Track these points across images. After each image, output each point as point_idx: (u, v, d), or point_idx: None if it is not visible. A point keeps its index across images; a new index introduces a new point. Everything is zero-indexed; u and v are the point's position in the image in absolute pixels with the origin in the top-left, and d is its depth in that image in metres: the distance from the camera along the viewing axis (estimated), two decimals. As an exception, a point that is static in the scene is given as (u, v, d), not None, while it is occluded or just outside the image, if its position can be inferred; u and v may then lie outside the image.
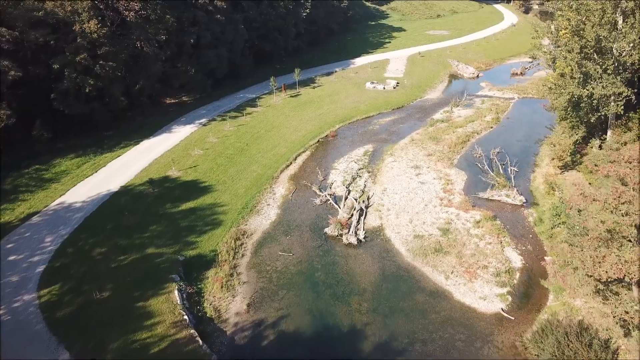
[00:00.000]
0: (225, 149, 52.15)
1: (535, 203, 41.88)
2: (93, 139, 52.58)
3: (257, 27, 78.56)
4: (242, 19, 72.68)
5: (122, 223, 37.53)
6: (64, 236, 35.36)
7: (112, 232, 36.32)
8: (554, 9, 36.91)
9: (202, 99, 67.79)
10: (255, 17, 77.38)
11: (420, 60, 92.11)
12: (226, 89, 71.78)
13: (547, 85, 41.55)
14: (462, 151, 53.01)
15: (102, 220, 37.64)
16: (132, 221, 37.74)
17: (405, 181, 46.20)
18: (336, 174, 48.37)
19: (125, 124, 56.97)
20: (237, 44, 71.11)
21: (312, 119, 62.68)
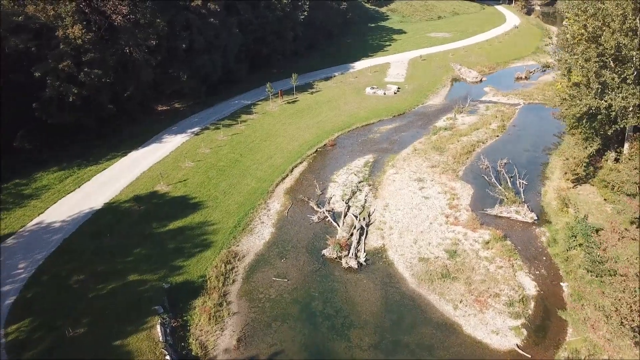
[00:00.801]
0: (217, 160, 49.42)
1: (547, 221, 39.18)
2: (79, 150, 49.90)
3: (254, 31, 75.91)
4: (237, 22, 69.94)
5: (103, 245, 34.81)
6: (39, 261, 32.62)
7: (92, 256, 33.60)
8: (567, 14, 34.17)
9: (195, 106, 65.09)
10: (251, 20, 74.71)
11: (421, 64, 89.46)
12: (221, 94, 69.10)
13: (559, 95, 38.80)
14: (467, 162, 50.33)
15: (82, 243, 34.91)
16: (115, 243, 34.99)
17: (408, 195, 43.50)
18: (335, 188, 45.68)
19: (113, 134, 54.25)
20: (231, 48, 68.43)
21: (309, 127, 60.00)
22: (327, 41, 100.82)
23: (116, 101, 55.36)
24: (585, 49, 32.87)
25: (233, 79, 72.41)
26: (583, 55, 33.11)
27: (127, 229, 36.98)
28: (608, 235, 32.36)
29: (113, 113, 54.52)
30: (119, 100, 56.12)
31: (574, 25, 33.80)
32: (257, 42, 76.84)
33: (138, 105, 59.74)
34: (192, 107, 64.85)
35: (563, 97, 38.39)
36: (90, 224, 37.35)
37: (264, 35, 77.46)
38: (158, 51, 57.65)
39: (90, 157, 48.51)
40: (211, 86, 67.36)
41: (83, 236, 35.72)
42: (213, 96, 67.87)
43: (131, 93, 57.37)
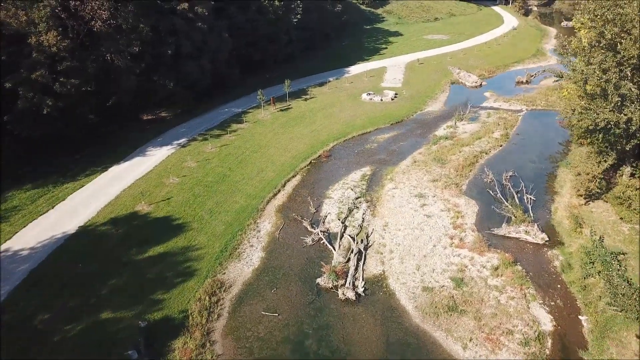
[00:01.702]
0: (204, 175, 46.23)
1: (559, 242, 36.25)
2: (57, 165, 46.56)
3: (245, 35, 72.75)
4: (227, 26, 66.75)
5: (75, 276, 31.60)
6: (2, 297, 29.34)
7: (61, 289, 30.38)
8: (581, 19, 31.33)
9: (182, 115, 61.87)
10: (242, 24, 71.55)
11: (419, 68, 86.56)
12: (210, 102, 65.89)
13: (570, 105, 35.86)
14: (470, 175, 47.41)
15: (51, 274, 31.68)
16: (88, 273, 31.78)
17: (409, 214, 40.49)
18: (330, 204, 42.61)
19: (95, 146, 50.96)
20: (221, 54, 65.20)
21: (303, 137, 56.91)
22: (322, 44, 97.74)
23: (98, 111, 52.24)
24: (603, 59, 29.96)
25: (223, 85, 69.20)
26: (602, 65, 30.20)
27: (103, 256, 33.76)
28: (629, 261, 29.50)
29: (95, 124, 51.44)
30: (101, 110, 52.97)
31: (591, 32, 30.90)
32: (248, 47, 73.73)
33: (122, 115, 56.48)
34: (180, 115, 61.65)
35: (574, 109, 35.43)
36: (62, 251, 34.09)
37: (256, 39, 74.36)
38: (142, 58, 54.45)
39: (68, 172, 45.22)
40: (200, 93, 64.15)
41: (53, 266, 32.47)
42: (202, 104, 64.69)
43: (114, 102, 54.11)
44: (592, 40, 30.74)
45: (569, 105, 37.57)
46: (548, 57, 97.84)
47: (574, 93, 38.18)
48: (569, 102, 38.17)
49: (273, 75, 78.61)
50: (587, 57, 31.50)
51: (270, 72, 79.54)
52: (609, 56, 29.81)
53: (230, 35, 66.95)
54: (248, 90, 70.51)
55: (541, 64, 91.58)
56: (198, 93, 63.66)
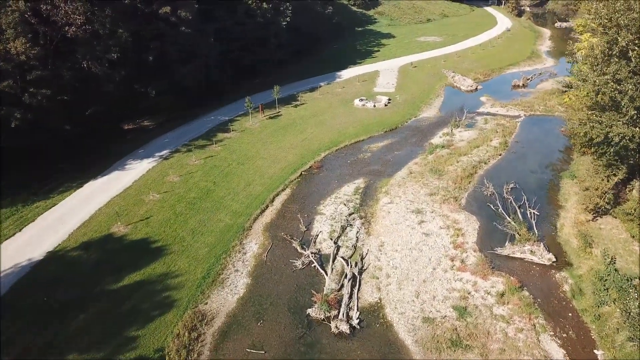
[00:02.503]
0: (187, 191, 43.34)
1: (567, 263, 33.79)
2: (29, 181, 43.39)
3: (234, 39, 69.85)
4: (214, 30, 63.82)
5: (39, 312, 28.62)
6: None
7: (24, 327, 27.43)
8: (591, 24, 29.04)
9: (166, 124, 58.91)
10: (230, 27, 68.65)
11: (412, 71, 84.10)
12: (196, 110, 62.89)
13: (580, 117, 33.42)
14: (469, 187, 44.92)
15: (12, 310, 28.67)
16: (55, 308, 28.82)
17: (405, 232, 37.87)
18: (322, 222, 39.90)
19: (70, 160, 47.84)
20: (208, 59, 62.24)
21: (293, 147, 54.14)
22: (313, 48, 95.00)
23: (75, 122, 49.20)
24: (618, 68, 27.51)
25: (210, 92, 66.23)
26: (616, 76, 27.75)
27: (72, 287, 30.81)
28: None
29: (72, 135, 48.41)
30: (78, 121, 49.91)
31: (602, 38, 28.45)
32: (237, 51, 70.77)
33: (102, 125, 53.38)
34: (164, 124, 58.68)
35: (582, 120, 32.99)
36: (26, 281, 31.07)
37: (245, 43, 71.45)
38: (122, 64, 51.39)
39: (40, 190, 42.17)
40: (185, 101, 61.15)
41: (14, 300, 29.46)
42: (187, 112, 61.73)
43: (93, 112, 51.09)
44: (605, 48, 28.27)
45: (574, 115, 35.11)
46: (543, 59, 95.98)
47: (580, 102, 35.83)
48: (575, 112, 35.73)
49: (262, 80, 75.83)
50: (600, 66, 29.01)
51: (259, 77, 76.73)
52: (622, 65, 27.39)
53: (218, 40, 64.07)
54: (236, 97, 67.66)
55: (537, 67, 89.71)
56: (183, 100, 60.66)
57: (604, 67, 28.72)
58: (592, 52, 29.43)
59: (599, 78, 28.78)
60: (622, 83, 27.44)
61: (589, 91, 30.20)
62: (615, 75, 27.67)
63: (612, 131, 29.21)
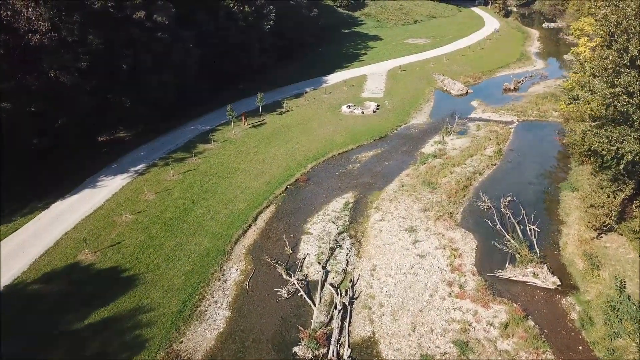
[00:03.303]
0: (164, 210, 40.24)
1: (573, 286, 31.44)
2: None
3: (215, 45, 66.71)
4: (193, 35, 60.63)
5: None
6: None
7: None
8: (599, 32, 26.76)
9: (143, 135, 55.60)
10: (211, 33, 65.50)
11: (401, 75, 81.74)
12: (175, 119, 59.70)
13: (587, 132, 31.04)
14: (464, 201, 42.51)
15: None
16: (8, 354, 25.58)
17: (399, 253, 35.25)
18: (309, 242, 37.12)
19: (37, 177, 44.41)
20: (188, 66, 59.04)
21: (278, 158, 51.28)
22: (298, 52, 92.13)
23: (46, 134, 45.90)
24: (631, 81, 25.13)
25: (190, 100, 63.01)
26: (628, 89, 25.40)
27: (31, 326, 27.59)
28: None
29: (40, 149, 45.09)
30: (49, 134, 46.57)
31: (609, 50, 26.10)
32: (219, 57, 67.63)
33: (73, 138, 49.90)
34: (140, 136, 55.37)
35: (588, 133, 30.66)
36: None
37: (227, 48, 68.33)
38: (94, 73, 48.02)
39: (2, 212, 38.67)
40: (164, 110, 57.87)
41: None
42: (166, 122, 58.48)
43: (63, 124, 47.66)
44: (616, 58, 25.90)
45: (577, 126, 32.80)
46: (533, 60, 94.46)
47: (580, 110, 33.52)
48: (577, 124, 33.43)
49: (245, 86, 72.84)
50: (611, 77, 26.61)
51: (242, 84, 73.70)
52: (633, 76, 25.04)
53: (198, 45, 60.86)
54: (218, 105, 64.59)
55: (527, 69, 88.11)
56: (161, 110, 57.40)
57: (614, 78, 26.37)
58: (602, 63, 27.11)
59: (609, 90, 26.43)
60: (635, 96, 25.07)
61: (599, 104, 27.84)
62: (627, 87, 25.33)
63: (624, 148, 26.89)
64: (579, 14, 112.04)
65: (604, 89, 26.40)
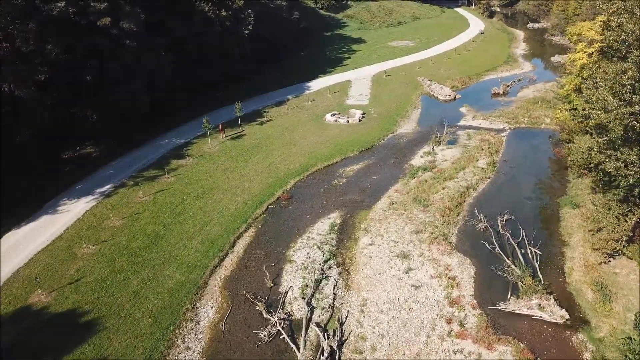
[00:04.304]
0: (131, 238, 36.45)
1: (584, 320, 28.60)
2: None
3: (190, 51, 62.86)
4: (166, 42, 56.75)
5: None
6: None
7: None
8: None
9: (113, 150, 51.47)
10: (185, 39, 61.63)
11: (386, 80, 78.75)
12: (147, 133, 55.62)
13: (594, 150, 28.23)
14: (459, 220, 39.55)
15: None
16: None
17: (391, 284, 32.08)
18: (292, 273, 33.73)
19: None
20: (159, 75, 55.12)
21: (258, 174, 47.78)
22: (279, 56, 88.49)
23: (4, 152, 41.79)
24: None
25: (163, 111, 59.04)
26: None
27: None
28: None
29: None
30: (4, 152, 42.39)
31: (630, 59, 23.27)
32: (194, 65, 63.75)
33: (34, 157, 45.75)
34: (109, 152, 51.23)
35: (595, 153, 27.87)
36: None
37: (203, 55, 64.48)
38: (54, 86, 44.01)
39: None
40: (134, 123, 53.84)
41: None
42: (138, 135, 54.38)
43: (22, 141, 43.51)
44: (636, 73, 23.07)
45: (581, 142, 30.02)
46: (520, 63, 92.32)
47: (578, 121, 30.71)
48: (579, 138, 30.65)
49: (223, 95, 69.03)
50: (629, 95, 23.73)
51: (220, 92, 69.84)
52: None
53: (171, 53, 56.98)
54: (194, 115, 60.80)
55: (515, 72, 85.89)
56: (132, 123, 53.38)
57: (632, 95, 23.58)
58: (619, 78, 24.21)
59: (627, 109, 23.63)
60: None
61: (613, 123, 25.01)
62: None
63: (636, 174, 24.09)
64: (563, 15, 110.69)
65: (620, 107, 23.60)
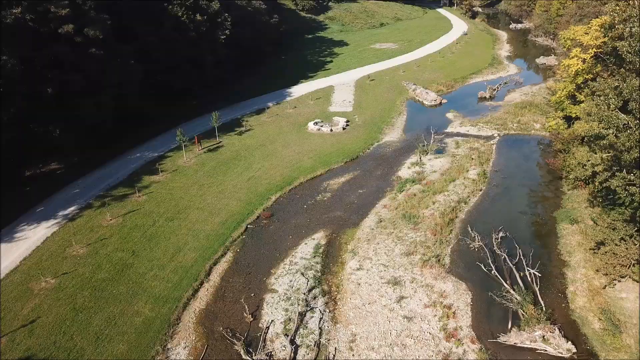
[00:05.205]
0: (96, 269, 33.11)
1: (591, 353, 26.38)
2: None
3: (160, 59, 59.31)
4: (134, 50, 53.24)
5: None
6: None
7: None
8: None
9: (80, 166, 47.82)
10: (156, 46, 58.15)
11: (370, 85, 76.22)
12: (117, 147, 51.88)
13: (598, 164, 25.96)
14: (451, 238, 37.12)
15: None
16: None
17: (382, 316, 29.42)
18: (273, 304, 30.83)
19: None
20: (128, 85, 51.55)
21: (237, 190, 44.74)
22: (259, 62, 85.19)
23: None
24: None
25: (134, 123, 55.46)
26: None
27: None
28: None
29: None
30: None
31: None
32: (166, 73, 60.22)
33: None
34: (76, 168, 47.55)
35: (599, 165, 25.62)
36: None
37: (176, 63, 60.98)
38: (10, 100, 40.28)
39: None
40: (102, 137, 50.22)
41: None
42: (106, 150, 50.69)
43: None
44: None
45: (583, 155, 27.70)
46: (505, 65, 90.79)
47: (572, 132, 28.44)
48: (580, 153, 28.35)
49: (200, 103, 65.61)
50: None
51: (196, 100, 66.39)
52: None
53: (141, 61, 53.44)
54: (168, 127, 57.17)
55: (501, 75, 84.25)
56: (99, 137, 49.79)
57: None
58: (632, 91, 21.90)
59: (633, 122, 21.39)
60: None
61: (629, 144, 22.69)
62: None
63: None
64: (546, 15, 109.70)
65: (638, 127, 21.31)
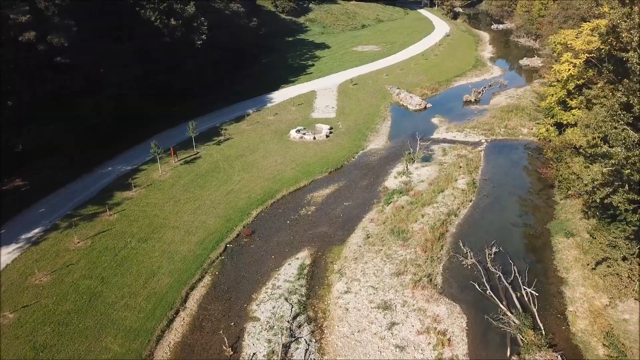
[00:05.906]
0: (60, 300, 30.35)
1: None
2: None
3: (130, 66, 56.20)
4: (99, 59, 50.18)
5: None
6: None
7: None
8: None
9: (47, 182, 44.70)
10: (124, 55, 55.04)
11: (353, 90, 74.20)
12: (88, 160, 48.82)
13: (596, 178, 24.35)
14: (442, 255, 35.29)
15: None
16: None
17: (373, 345, 27.36)
18: (255, 334, 28.52)
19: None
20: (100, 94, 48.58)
21: (215, 205, 42.28)
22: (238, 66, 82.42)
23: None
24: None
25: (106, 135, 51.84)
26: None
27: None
28: None
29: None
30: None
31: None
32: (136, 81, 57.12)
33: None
34: (42, 184, 44.46)
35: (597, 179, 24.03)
36: None
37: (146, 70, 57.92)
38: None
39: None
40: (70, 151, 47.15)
41: None
42: (76, 164, 47.66)
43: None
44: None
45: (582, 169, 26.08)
46: (489, 67, 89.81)
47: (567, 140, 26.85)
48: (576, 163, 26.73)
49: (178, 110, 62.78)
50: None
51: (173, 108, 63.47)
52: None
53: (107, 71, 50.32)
54: (143, 137, 54.20)
55: (485, 77, 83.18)
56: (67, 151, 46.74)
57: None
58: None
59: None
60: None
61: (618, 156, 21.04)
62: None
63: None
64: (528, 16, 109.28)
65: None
